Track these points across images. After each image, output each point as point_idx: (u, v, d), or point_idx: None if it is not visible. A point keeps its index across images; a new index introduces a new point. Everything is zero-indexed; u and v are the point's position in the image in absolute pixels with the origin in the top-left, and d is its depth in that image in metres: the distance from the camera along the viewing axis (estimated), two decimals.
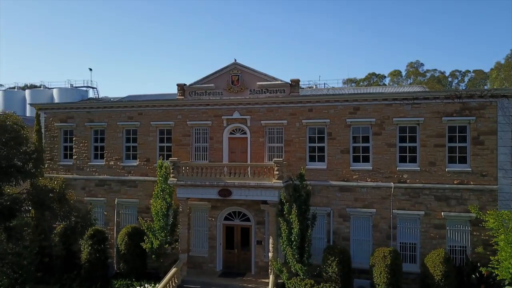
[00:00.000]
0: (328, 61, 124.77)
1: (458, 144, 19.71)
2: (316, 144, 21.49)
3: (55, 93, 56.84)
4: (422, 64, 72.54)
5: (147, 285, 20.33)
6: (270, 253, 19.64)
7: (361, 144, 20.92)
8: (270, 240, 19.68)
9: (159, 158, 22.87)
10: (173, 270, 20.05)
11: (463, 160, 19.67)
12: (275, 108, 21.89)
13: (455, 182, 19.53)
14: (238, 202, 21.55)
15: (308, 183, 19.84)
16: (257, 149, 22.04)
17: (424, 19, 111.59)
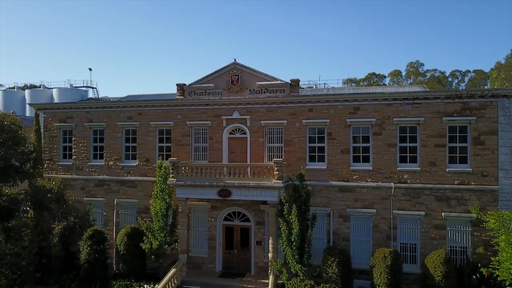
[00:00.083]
0: (328, 61, 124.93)
1: (458, 144, 19.65)
2: (316, 144, 21.42)
3: (55, 93, 56.81)
4: (422, 64, 72.58)
5: (146, 285, 20.27)
6: (270, 254, 19.57)
7: (361, 144, 20.85)
8: (270, 240, 19.61)
9: (159, 158, 22.81)
10: (173, 271, 20.00)
11: (463, 160, 19.61)
12: (275, 108, 21.82)
13: (456, 182, 19.46)
14: (237, 203, 21.49)
15: (308, 183, 19.78)
16: (257, 149, 21.97)
17: (424, 19, 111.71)
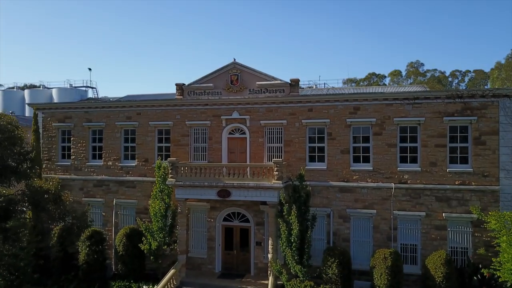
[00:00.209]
0: (328, 61, 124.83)
1: (459, 144, 19.54)
2: (316, 144, 21.31)
3: (54, 93, 56.66)
4: (422, 64, 72.48)
5: (145, 286, 20.12)
6: (269, 254, 19.45)
7: (361, 144, 20.74)
8: (270, 241, 19.50)
9: (158, 158, 22.71)
10: (172, 272, 19.89)
11: (464, 161, 19.50)
12: (275, 108, 21.71)
13: (457, 182, 19.34)
14: (237, 203, 21.38)
15: (308, 183, 19.67)
16: (257, 149, 21.86)
17: (424, 19, 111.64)
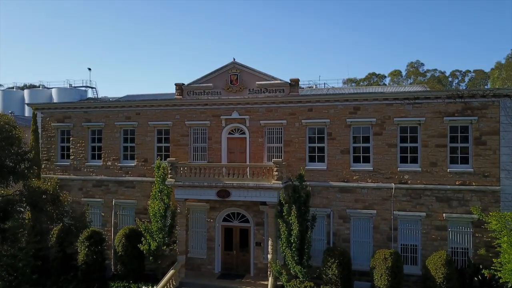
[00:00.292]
0: (328, 61, 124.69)
1: (460, 145, 19.47)
2: (316, 144, 21.24)
3: (54, 93, 56.52)
4: (422, 64, 72.38)
5: (144, 287, 20.04)
6: (269, 255, 19.38)
7: (361, 145, 20.67)
8: (269, 241, 19.42)
9: (157, 158, 22.65)
10: (171, 272, 19.82)
11: (465, 161, 19.43)
12: (275, 108, 21.63)
13: (457, 183, 19.27)
14: (237, 203, 21.30)
15: (308, 184, 19.61)
16: (256, 150, 21.78)
17: (424, 19, 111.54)
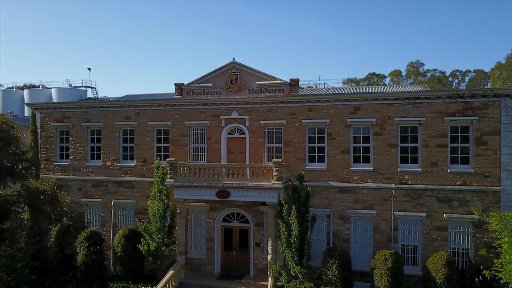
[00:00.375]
0: (328, 61, 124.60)
1: (460, 145, 19.40)
2: (316, 145, 21.16)
3: (54, 93, 56.39)
4: (422, 64, 72.30)
5: (143, 287, 20.00)
6: (269, 255, 19.30)
7: (361, 145, 20.59)
8: (269, 242, 19.34)
9: (156, 158, 22.57)
10: (171, 273, 19.74)
11: (465, 161, 19.35)
12: (274, 108, 21.56)
13: (458, 183, 19.19)
14: (236, 204, 21.23)
15: (308, 184, 19.54)
16: (256, 150, 21.71)
17: (424, 19, 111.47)
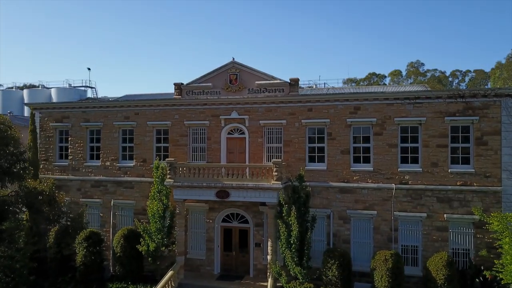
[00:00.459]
0: (328, 61, 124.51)
1: (461, 145, 19.32)
2: (316, 145, 21.09)
3: (53, 93, 56.34)
4: (422, 64, 72.23)
5: None
6: (268, 256, 19.24)
7: (361, 145, 20.52)
8: (269, 242, 19.27)
9: (156, 158, 22.50)
10: (170, 273, 19.67)
11: (466, 161, 19.28)
12: (274, 107, 21.48)
13: (458, 183, 19.12)
14: (236, 204, 21.16)
15: (308, 184, 19.48)
16: (256, 150, 21.64)
17: (424, 19, 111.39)
